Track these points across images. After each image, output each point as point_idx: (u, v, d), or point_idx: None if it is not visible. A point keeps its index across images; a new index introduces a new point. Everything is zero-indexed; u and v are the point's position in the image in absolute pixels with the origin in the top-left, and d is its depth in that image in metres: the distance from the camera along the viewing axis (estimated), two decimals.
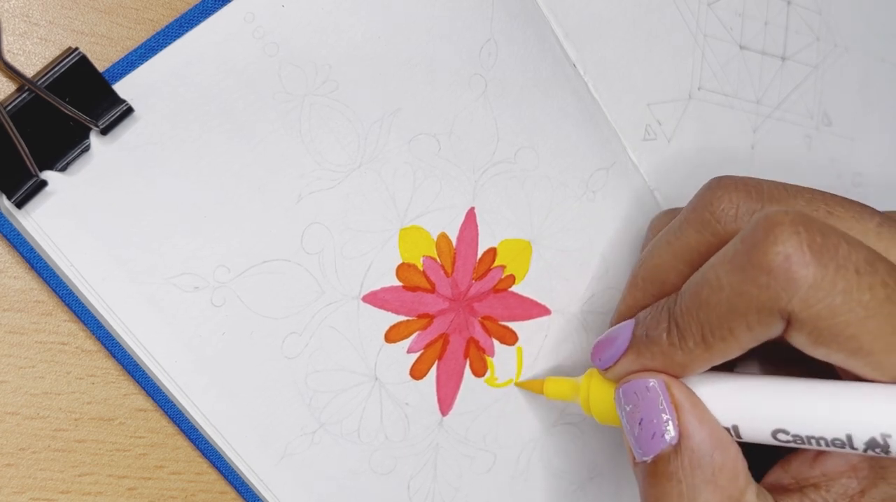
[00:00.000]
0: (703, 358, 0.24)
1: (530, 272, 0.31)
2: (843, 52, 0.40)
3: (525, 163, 0.31)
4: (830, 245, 0.21)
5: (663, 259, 0.27)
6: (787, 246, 0.21)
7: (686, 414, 0.24)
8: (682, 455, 0.24)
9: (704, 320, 0.23)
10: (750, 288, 0.22)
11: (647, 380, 0.25)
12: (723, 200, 0.25)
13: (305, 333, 0.27)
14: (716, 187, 0.26)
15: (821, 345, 0.22)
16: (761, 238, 0.22)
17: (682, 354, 0.24)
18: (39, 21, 0.24)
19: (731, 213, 0.25)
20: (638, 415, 0.25)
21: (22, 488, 0.24)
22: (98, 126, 0.24)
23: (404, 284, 0.29)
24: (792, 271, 0.21)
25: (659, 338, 0.24)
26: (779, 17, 0.38)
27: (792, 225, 0.21)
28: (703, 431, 0.24)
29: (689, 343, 0.24)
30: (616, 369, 0.26)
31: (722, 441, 0.24)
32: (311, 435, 0.28)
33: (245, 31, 0.25)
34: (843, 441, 0.23)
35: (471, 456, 0.31)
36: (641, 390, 0.25)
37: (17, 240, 0.23)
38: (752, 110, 0.37)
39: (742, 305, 0.22)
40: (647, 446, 0.24)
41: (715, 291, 0.23)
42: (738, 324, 0.22)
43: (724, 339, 0.23)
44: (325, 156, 0.27)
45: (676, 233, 0.26)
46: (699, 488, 0.23)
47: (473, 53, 0.29)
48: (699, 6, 0.35)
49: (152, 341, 0.25)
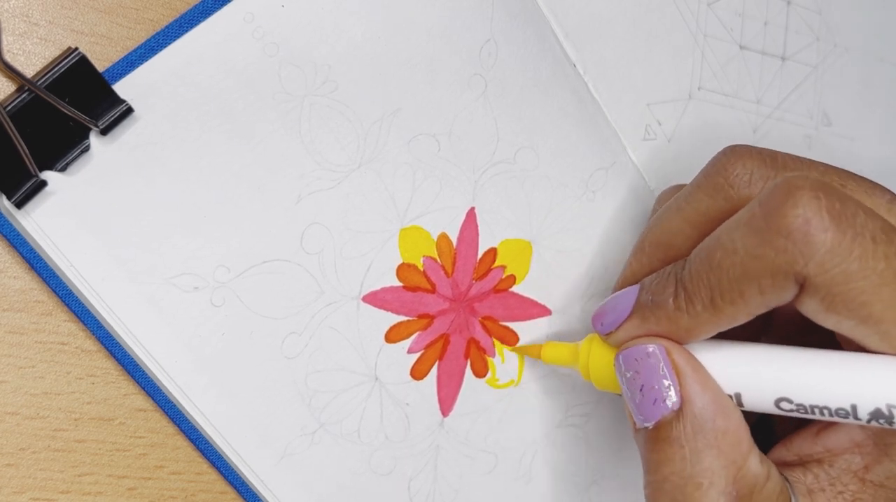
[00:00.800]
0: (710, 322, 0.23)
1: (530, 272, 0.31)
2: (842, 52, 0.40)
3: (525, 164, 0.31)
4: (849, 212, 0.21)
5: (672, 223, 0.26)
6: (806, 209, 0.21)
7: (688, 380, 0.24)
8: (684, 420, 0.24)
9: (715, 283, 0.23)
10: (766, 250, 0.22)
11: (647, 346, 0.24)
12: (737, 166, 0.25)
13: (305, 333, 0.27)
14: (730, 153, 0.25)
15: (832, 311, 0.22)
16: (781, 201, 0.21)
17: (688, 318, 0.24)
18: (39, 21, 0.24)
19: (745, 179, 0.25)
20: (639, 381, 0.24)
21: (22, 488, 0.24)
22: (98, 126, 0.24)
23: (404, 284, 0.29)
24: (811, 234, 0.21)
25: (665, 302, 0.24)
26: (779, 17, 0.38)
27: (812, 189, 0.21)
28: (706, 396, 0.24)
29: (696, 306, 0.23)
30: (618, 334, 0.26)
31: (725, 406, 0.24)
32: (311, 436, 0.28)
33: (245, 31, 0.26)
34: (848, 411, 0.22)
35: (472, 457, 0.31)
36: (642, 356, 0.24)
37: (16, 241, 0.23)
38: (753, 110, 0.37)
39: (756, 268, 0.22)
40: (648, 412, 0.24)
41: (729, 254, 0.22)
42: (750, 287, 0.22)
43: (734, 303, 0.23)
44: (325, 156, 0.27)
45: (687, 198, 0.26)
46: (702, 453, 0.23)
47: (473, 53, 0.29)
48: (699, 6, 0.35)
49: (152, 341, 0.25)
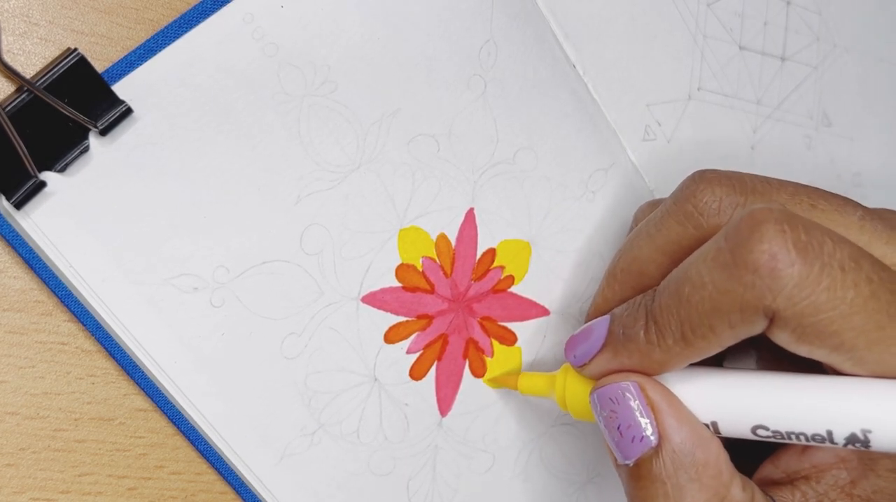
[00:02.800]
0: (682, 355, 0.23)
1: (529, 273, 0.31)
2: (842, 52, 0.40)
3: (524, 164, 0.31)
4: (815, 242, 0.21)
5: (643, 251, 0.26)
6: (772, 244, 0.21)
7: (664, 416, 0.24)
8: (663, 456, 0.24)
9: (685, 318, 0.23)
10: (734, 286, 0.22)
11: (620, 384, 0.24)
12: (706, 193, 0.25)
13: (305, 334, 0.27)
14: (699, 180, 0.25)
15: (804, 342, 0.22)
16: (746, 236, 0.21)
17: (659, 352, 0.24)
18: (39, 21, 0.24)
19: (714, 206, 0.25)
20: (616, 421, 0.24)
21: (22, 488, 0.24)
22: (97, 127, 0.24)
23: (404, 285, 0.29)
24: (777, 270, 0.21)
25: (636, 335, 0.24)
26: (778, 17, 0.38)
27: (777, 222, 0.21)
28: (683, 431, 0.24)
29: (667, 341, 0.23)
30: (591, 367, 0.26)
31: (703, 438, 0.24)
32: (311, 436, 0.28)
33: (244, 31, 0.26)
34: (824, 436, 0.23)
35: (470, 457, 0.31)
36: (616, 395, 0.24)
37: (16, 241, 0.23)
38: (752, 111, 0.37)
39: (725, 303, 0.22)
40: (627, 450, 0.24)
41: (697, 289, 0.22)
42: (720, 322, 0.22)
43: (705, 337, 0.23)
44: (324, 156, 0.27)
45: (657, 225, 0.26)
46: (684, 488, 0.23)
47: (473, 54, 0.29)
48: (698, 7, 0.35)
49: (151, 342, 0.25)
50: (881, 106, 0.42)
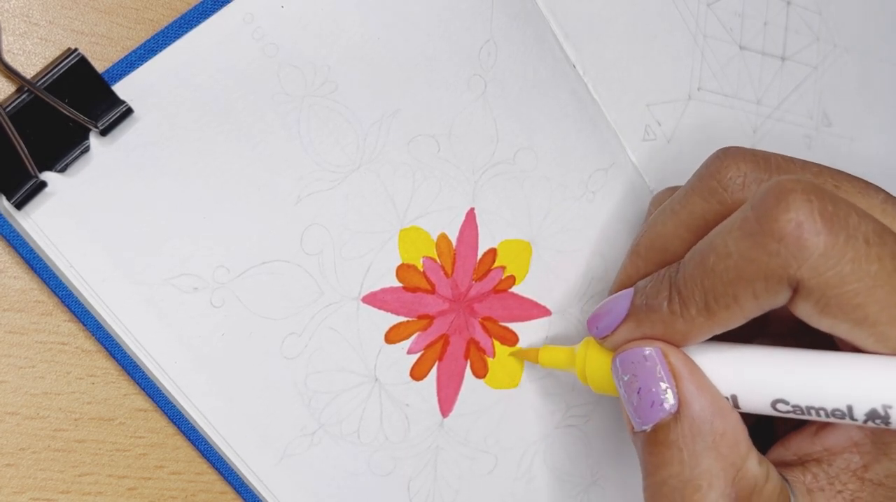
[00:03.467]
0: (704, 326, 0.23)
1: (530, 273, 0.31)
2: (842, 52, 0.40)
3: (524, 164, 0.31)
4: (841, 214, 0.21)
5: (667, 227, 0.26)
6: (798, 213, 0.21)
7: (685, 382, 0.24)
8: (682, 422, 0.24)
9: (709, 287, 0.23)
10: (759, 254, 0.22)
11: (643, 349, 0.24)
12: (730, 169, 0.25)
13: (305, 334, 0.27)
14: (723, 156, 0.25)
15: (827, 314, 0.22)
16: (773, 205, 0.21)
17: (682, 322, 0.24)
18: (39, 21, 0.24)
19: (739, 182, 0.25)
20: (636, 385, 0.24)
21: (22, 488, 0.24)
22: (97, 127, 0.24)
23: (404, 285, 0.29)
24: (803, 239, 0.21)
25: (659, 306, 0.24)
26: (778, 17, 0.38)
27: (804, 192, 0.21)
28: (703, 398, 0.24)
29: (691, 310, 0.23)
30: (614, 337, 0.26)
31: (722, 408, 0.24)
32: (311, 436, 0.28)
33: (244, 31, 0.26)
34: (844, 411, 0.23)
35: (472, 458, 0.31)
36: (639, 359, 0.24)
37: (16, 241, 0.23)
38: (752, 111, 0.37)
39: (750, 272, 0.22)
40: (646, 415, 0.24)
41: (722, 258, 0.22)
42: (743, 291, 0.22)
43: (728, 307, 0.23)
44: (325, 157, 0.27)
45: (682, 201, 0.26)
46: (700, 455, 0.23)
47: (473, 54, 0.29)
48: (698, 6, 0.35)
49: (151, 342, 0.25)
50: (881, 106, 0.42)
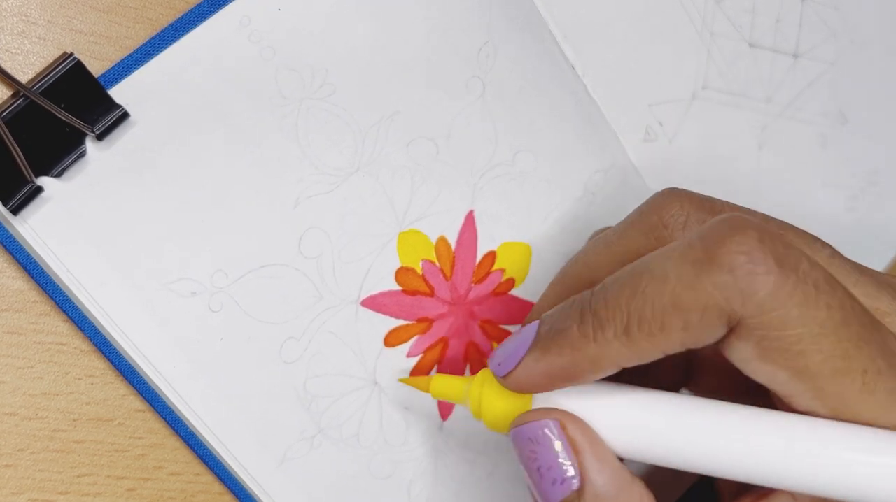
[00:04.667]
0: (619, 353, 0.21)
1: (530, 275, 0.31)
2: (860, 48, 0.39)
3: (524, 166, 0.30)
4: (793, 256, 0.20)
5: (599, 258, 0.25)
6: (751, 248, 0.20)
7: (586, 457, 0.22)
8: (585, 500, 0.22)
9: (634, 309, 0.21)
10: (703, 283, 0.20)
11: (540, 422, 0.23)
12: (674, 206, 0.24)
13: (304, 338, 0.27)
14: (668, 194, 0.25)
15: (765, 359, 0.21)
16: (725, 235, 0.20)
17: (595, 346, 0.22)
18: (38, 20, 0.24)
19: (681, 221, 0.24)
20: (536, 462, 0.23)
21: (20, 489, 0.25)
22: (94, 131, 0.24)
23: (403, 288, 0.29)
24: (754, 273, 0.20)
25: (568, 329, 0.22)
26: (791, 13, 0.37)
27: (756, 230, 0.20)
28: (605, 474, 0.22)
29: (607, 333, 0.21)
30: (516, 373, 0.23)
31: (625, 481, 0.23)
32: (311, 440, 0.28)
33: (241, 34, 0.25)
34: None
35: (471, 461, 0.31)
36: (536, 434, 0.23)
37: (13, 247, 0.23)
38: (761, 109, 0.36)
39: (687, 300, 0.20)
40: (548, 493, 0.23)
41: (657, 281, 0.21)
42: (674, 320, 0.21)
43: (652, 335, 0.21)
44: (323, 160, 0.27)
45: (619, 234, 0.25)
46: None
47: (471, 56, 0.29)
48: (706, 4, 0.34)
49: (150, 347, 0.25)
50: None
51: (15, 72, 0.24)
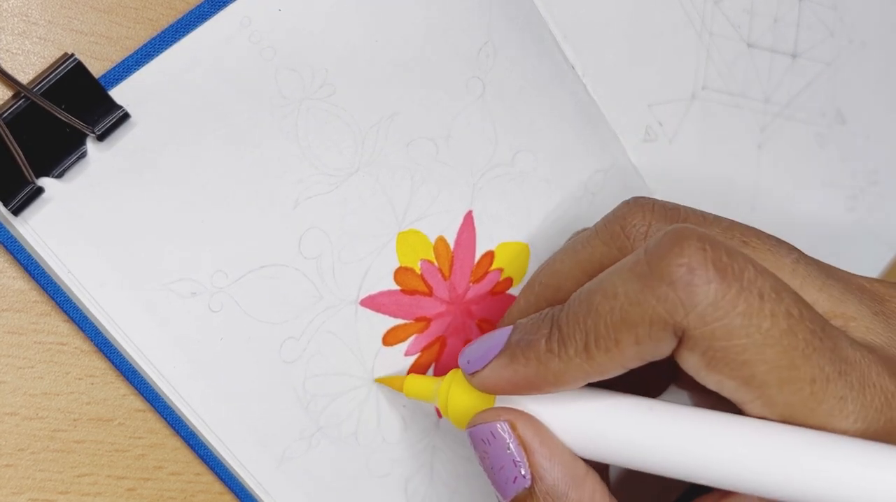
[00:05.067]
0: (581, 369, 0.22)
1: (528, 275, 0.31)
2: (859, 47, 0.40)
3: (523, 166, 0.30)
4: (736, 266, 0.20)
5: (564, 265, 0.26)
6: (691, 259, 0.20)
7: (535, 456, 0.23)
8: (537, 497, 0.23)
9: (591, 327, 0.22)
10: (647, 297, 0.21)
11: (491, 425, 0.23)
12: (636, 216, 0.24)
13: (303, 338, 0.27)
14: (633, 204, 0.25)
15: (713, 369, 0.21)
16: (666, 249, 0.21)
17: (558, 362, 0.22)
18: (38, 20, 0.24)
19: (642, 231, 0.24)
20: (489, 461, 0.24)
21: (20, 489, 0.25)
22: (94, 132, 0.24)
23: (402, 288, 0.29)
24: (693, 284, 0.20)
25: (537, 342, 0.23)
26: (790, 13, 0.37)
27: (699, 240, 0.21)
28: (555, 471, 0.23)
29: (569, 350, 0.22)
30: (483, 374, 0.24)
31: (576, 477, 0.23)
32: (310, 439, 0.28)
33: (242, 35, 0.26)
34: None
35: (468, 458, 0.31)
36: (488, 436, 0.24)
37: (14, 248, 0.23)
38: (760, 109, 0.36)
39: (634, 316, 0.21)
40: (504, 490, 0.24)
41: (608, 298, 0.21)
42: (626, 335, 0.21)
43: (608, 351, 0.21)
44: (323, 160, 0.27)
45: (584, 242, 0.26)
46: None
47: (471, 56, 0.29)
48: (705, 5, 0.34)
49: (150, 347, 0.25)
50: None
51: (16, 72, 0.24)
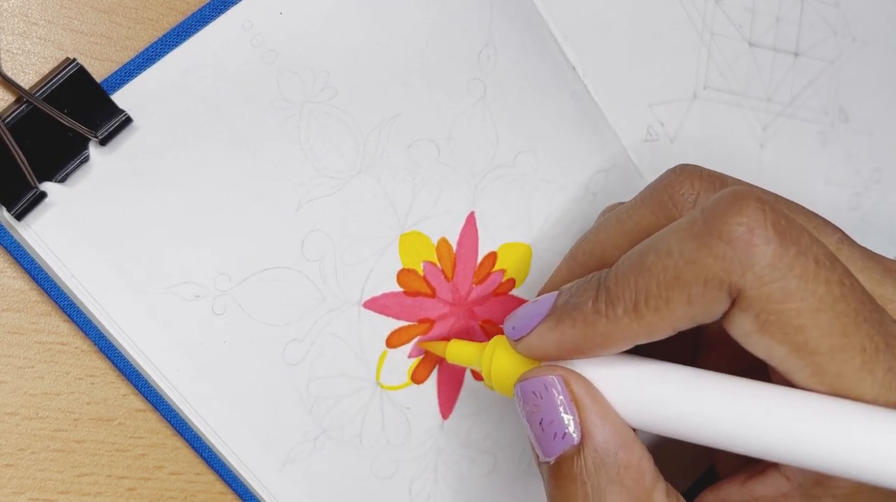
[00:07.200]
0: (629, 329, 0.22)
1: (531, 275, 0.31)
2: (861, 45, 0.39)
3: (525, 167, 0.30)
4: (794, 230, 0.20)
5: (609, 234, 0.25)
6: (751, 218, 0.20)
7: (587, 413, 0.23)
8: (585, 455, 0.22)
9: (642, 287, 0.21)
10: (704, 256, 0.20)
11: (545, 378, 0.23)
12: (684, 185, 0.24)
13: (307, 340, 0.27)
14: (680, 172, 0.25)
15: (765, 333, 0.20)
16: (725, 208, 0.20)
17: (606, 323, 0.22)
18: (38, 21, 0.24)
19: (691, 199, 0.24)
20: (538, 415, 0.23)
21: (21, 488, 0.25)
22: (97, 136, 0.24)
23: (405, 290, 0.29)
24: (752, 244, 0.20)
25: (583, 304, 0.22)
26: (791, 12, 0.37)
27: (758, 201, 0.20)
28: (606, 430, 0.22)
29: (617, 310, 0.22)
30: (528, 340, 0.24)
31: (626, 439, 0.23)
32: (314, 442, 0.28)
33: (243, 38, 0.26)
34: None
35: (472, 459, 0.31)
36: (540, 388, 0.23)
37: (17, 252, 0.23)
38: (762, 108, 0.36)
39: (689, 274, 0.20)
40: (549, 447, 0.23)
41: (662, 257, 0.21)
42: (678, 294, 0.21)
43: (658, 310, 0.21)
44: (325, 162, 0.27)
45: (629, 211, 0.25)
46: (605, 489, 0.22)
47: (472, 58, 0.29)
48: (706, 4, 0.34)
49: (154, 350, 0.25)
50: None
51: (16, 72, 0.24)
